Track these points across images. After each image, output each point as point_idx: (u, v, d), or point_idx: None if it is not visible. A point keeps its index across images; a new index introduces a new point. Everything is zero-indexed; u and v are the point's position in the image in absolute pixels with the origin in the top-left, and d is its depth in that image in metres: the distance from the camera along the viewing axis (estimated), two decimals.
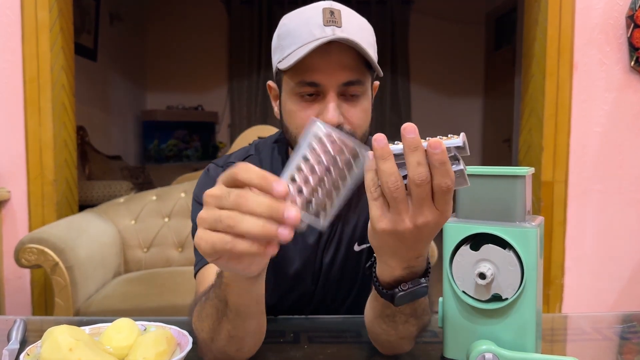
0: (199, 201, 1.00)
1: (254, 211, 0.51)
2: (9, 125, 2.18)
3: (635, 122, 2.22)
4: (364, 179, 0.60)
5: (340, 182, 0.56)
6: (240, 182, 0.53)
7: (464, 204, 0.74)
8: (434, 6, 5.71)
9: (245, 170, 0.53)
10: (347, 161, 0.56)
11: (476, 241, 0.73)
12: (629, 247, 2.25)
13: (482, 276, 0.71)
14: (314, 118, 0.57)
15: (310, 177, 0.55)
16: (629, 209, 2.24)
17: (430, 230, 0.61)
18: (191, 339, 0.74)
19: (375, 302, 0.75)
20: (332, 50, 0.85)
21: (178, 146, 5.83)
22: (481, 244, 0.72)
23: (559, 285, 2.27)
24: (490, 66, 5.69)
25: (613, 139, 2.23)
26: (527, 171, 0.72)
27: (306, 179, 0.54)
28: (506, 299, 0.72)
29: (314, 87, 0.87)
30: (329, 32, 0.84)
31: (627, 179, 2.24)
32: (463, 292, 0.74)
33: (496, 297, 0.73)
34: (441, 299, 0.78)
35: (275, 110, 0.98)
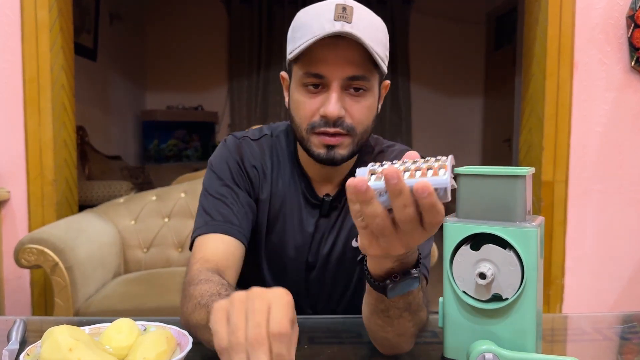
0: (214, 170, 1.03)
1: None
2: (9, 125, 2.18)
3: (635, 122, 2.22)
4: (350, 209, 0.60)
5: (408, 178, 0.58)
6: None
7: (464, 204, 0.74)
8: (434, 6, 5.71)
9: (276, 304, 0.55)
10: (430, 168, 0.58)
11: (476, 241, 0.73)
12: (630, 247, 2.25)
13: (483, 276, 0.71)
14: (451, 157, 0.58)
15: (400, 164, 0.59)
16: (630, 209, 2.24)
17: (421, 241, 0.62)
18: (191, 339, 0.74)
19: (369, 297, 0.75)
20: (340, 44, 0.87)
21: (178, 146, 5.83)
22: (481, 244, 0.72)
23: (560, 285, 2.27)
24: (490, 66, 5.69)
25: (613, 139, 2.23)
26: (528, 171, 0.72)
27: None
28: (506, 299, 0.72)
29: (319, 79, 0.90)
30: (338, 27, 0.86)
31: (628, 179, 2.24)
32: (463, 292, 0.74)
33: (496, 297, 0.73)
34: (441, 299, 0.78)
35: (285, 100, 1.01)
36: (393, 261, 0.67)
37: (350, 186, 0.56)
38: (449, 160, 0.57)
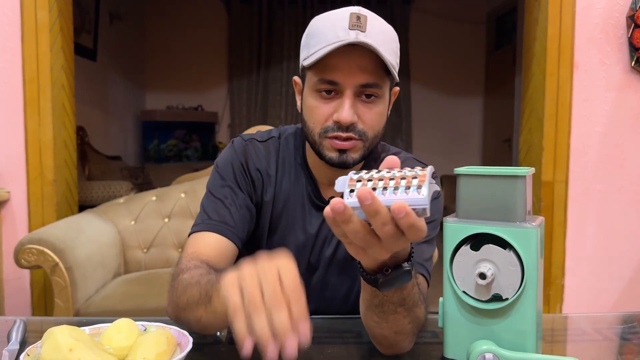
0: (219, 170, 1.05)
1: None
2: (9, 125, 2.18)
3: (635, 122, 2.22)
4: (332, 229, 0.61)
5: (385, 197, 0.58)
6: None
7: (464, 204, 0.74)
8: (434, 5, 5.71)
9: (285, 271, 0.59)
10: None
11: (476, 241, 0.73)
12: (630, 247, 2.25)
13: (483, 276, 0.71)
14: (430, 167, 0.58)
15: (379, 177, 0.58)
16: (630, 209, 2.24)
17: (406, 246, 0.64)
18: (191, 339, 0.74)
19: (364, 292, 0.76)
20: (354, 52, 0.90)
21: (178, 146, 5.83)
22: (481, 244, 0.72)
23: (560, 285, 2.26)
24: (490, 66, 5.69)
25: (613, 139, 2.23)
26: (528, 171, 0.72)
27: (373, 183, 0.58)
28: (506, 299, 0.72)
29: (333, 85, 0.92)
30: (353, 36, 0.89)
31: (628, 179, 2.24)
32: (463, 292, 0.74)
33: (496, 297, 0.73)
34: (441, 299, 0.78)
35: (298, 104, 1.04)
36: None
37: (327, 214, 0.57)
38: (428, 173, 0.56)
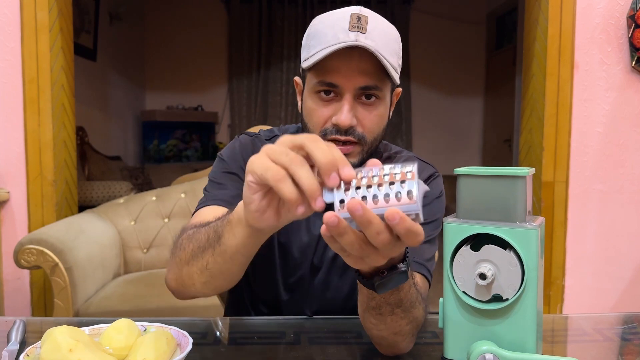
0: (223, 158, 1.05)
1: (316, 153, 0.56)
2: (9, 125, 2.18)
3: (636, 122, 2.22)
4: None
5: (377, 206, 0.55)
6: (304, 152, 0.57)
7: (465, 204, 0.74)
8: (434, 5, 5.71)
9: (333, 145, 0.57)
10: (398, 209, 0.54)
11: (477, 241, 0.73)
12: (630, 248, 2.25)
13: (483, 277, 0.71)
14: (415, 166, 0.56)
15: (367, 183, 0.56)
16: (630, 209, 2.24)
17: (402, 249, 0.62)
18: (191, 340, 0.74)
19: (361, 295, 0.75)
20: (354, 55, 0.89)
21: (178, 146, 5.83)
22: (482, 245, 0.72)
23: (560, 285, 2.26)
24: (490, 66, 5.69)
25: (614, 139, 2.22)
26: (528, 171, 0.72)
27: (363, 199, 0.55)
28: (507, 300, 0.72)
29: (332, 88, 0.92)
30: (353, 38, 0.88)
31: (628, 179, 2.23)
32: (463, 293, 0.74)
33: (497, 298, 0.72)
34: (441, 300, 0.77)
35: (299, 104, 1.03)
36: None
37: (324, 231, 0.56)
38: (415, 174, 0.54)
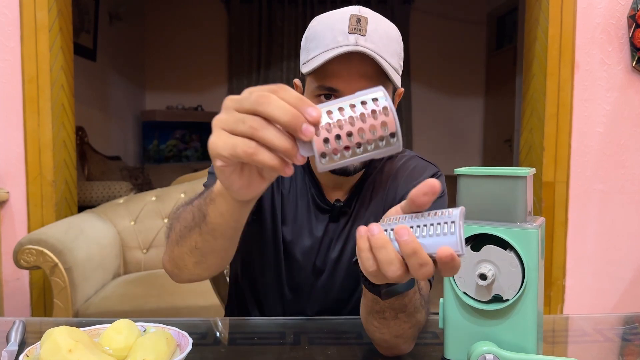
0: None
1: (274, 114, 0.50)
2: (8, 125, 2.18)
3: (637, 122, 2.21)
4: (358, 255, 0.57)
5: (362, 148, 0.54)
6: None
7: (465, 205, 0.74)
8: (435, 5, 5.71)
9: (283, 88, 0.52)
10: (381, 137, 0.54)
11: (477, 242, 0.73)
12: (631, 248, 2.24)
13: (483, 277, 0.71)
14: (382, 87, 0.54)
15: (343, 124, 0.53)
16: (631, 209, 2.24)
17: None
18: (191, 340, 0.73)
19: (365, 298, 0.75)
20: (354, 58, 0.88)
21: (178, 146, 5.82)
22: (482, 245, 0.72)
23: (560, 286, 2.26)
24: (491, 66, 5.69)
25: (615, 139, 2.22)
26: (528, 172, 0.71)
27: (339, 123, 0.53)
28: (507, 300, 0.71)
29: (333, 92, 0.90)
30: (352, 41, 0.87)
31: (629, 179, 2.23)
32: (464, 293, 0.74)
33: (497, 298, 0.72)
34: (442, 300, 0.77)
35: None
36: None
37: (370, 234, 0.54)
38: (458, 216, 0.54)
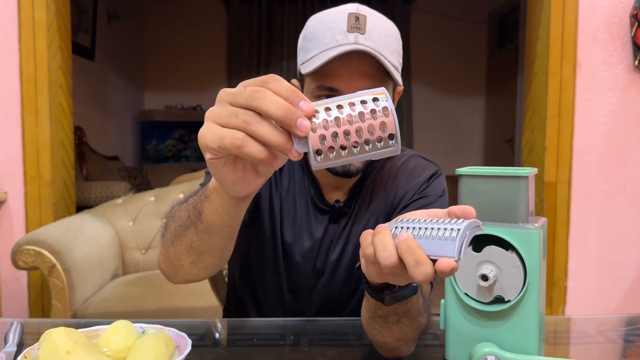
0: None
1: (268, 109, 0.50)
2: (6, 125, 2.17)
3: (639, 122, 2.21)
4: (362, 252, 0.58)
5: (359, 148, 0.53)
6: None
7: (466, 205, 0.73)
8: (435, 5, 5.71)
9: (275, 80, 0.52)
10: (379, 138, 0.53)
11: (478, 243, 0.72)
12: (633, 249, 2.24)
13: (485, 278, 0.70)
14: (384, 88, 0.54)
15: (341, 122, 0.52)
16: (633, 210, 2.23)
17: None
18: (190, 341, 0.73)
19: (367, 303, 0.74)
20: (353, 57, 0.87)
21: (176, 146, 5.82)
22: (483, 246, 0.71)
23: (563, 287, 2.26)
24: (492, 66, 5.68)
25: (617, 139, 2.22)
26: (530, 172, 0.71)
27: (337, 121, 0.52)
28: (509, 301, 0.71)
29: (333, 92, 0.90)
30: (352, 39, 0.86)
31: (632, 179, 2.23)
32: (465, 294, 0.73)
33: (499, 299, 0.72)
34: (443, 301, 0.77)
35: None
36: None
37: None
38: (462, 229, 0.53)
